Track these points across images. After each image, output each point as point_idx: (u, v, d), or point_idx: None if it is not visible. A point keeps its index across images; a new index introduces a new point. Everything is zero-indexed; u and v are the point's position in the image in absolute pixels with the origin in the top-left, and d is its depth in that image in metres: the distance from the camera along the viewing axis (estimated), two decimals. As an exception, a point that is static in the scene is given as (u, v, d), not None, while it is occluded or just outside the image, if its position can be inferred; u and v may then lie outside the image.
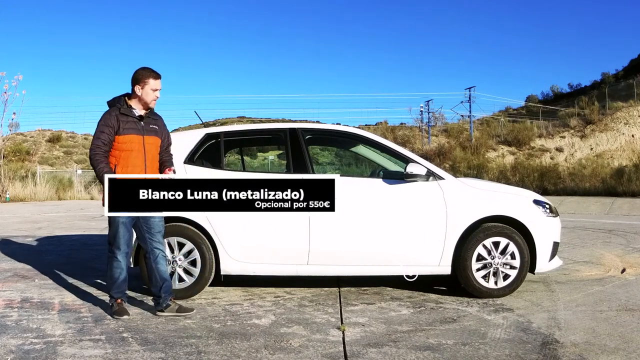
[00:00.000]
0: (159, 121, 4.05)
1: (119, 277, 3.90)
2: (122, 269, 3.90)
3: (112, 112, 3.87)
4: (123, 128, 3.83)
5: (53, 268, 5.79)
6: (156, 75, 3.91)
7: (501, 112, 41.34)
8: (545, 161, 26.64)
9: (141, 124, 3.90)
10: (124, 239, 3.87)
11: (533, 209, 4.51)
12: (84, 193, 21.49)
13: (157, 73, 3.93)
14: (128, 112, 3.87)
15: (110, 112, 3.88)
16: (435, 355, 3.07)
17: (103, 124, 3.82)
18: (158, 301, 3.93)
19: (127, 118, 3.85)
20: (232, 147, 5.76)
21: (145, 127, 3.92)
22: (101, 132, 3.81)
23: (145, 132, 3.91)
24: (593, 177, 19.84)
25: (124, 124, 3.83)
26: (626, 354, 3.05)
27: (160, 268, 3.93)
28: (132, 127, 3.85)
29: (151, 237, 3.91)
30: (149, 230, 3.90)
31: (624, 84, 36.93)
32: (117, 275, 3.90)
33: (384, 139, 4.83)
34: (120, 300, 3.92)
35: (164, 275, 3.94)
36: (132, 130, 3.85)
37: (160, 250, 3.94)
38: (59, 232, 9.28)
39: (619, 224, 10.29)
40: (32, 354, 3.07)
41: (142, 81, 3.88)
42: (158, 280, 3.91)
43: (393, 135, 33.75)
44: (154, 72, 3.92)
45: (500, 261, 4.36)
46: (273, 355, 3.08)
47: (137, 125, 3.87)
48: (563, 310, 4.00)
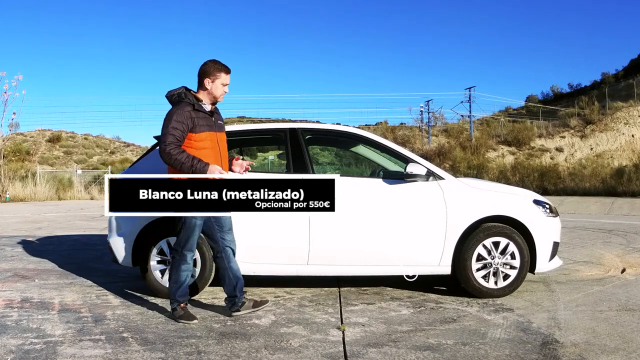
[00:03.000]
0: (221, 117, 3.89)
1: (185, 281, 3.79)
2: (189, 272, 3.81)
3: (184, 107, 3.62)
4: (198, 125, 3.62)
5: (53, 268, 5.80)
6: (227, 70, 3.73)
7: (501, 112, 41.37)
8: (545, 161, 26.66)
9: (212, 120, 3.72)
10: (196, 241, 3.75)
11: (533, 209, 4.51)
12: (84, 193, 21.50)
13: (228, 67, 3.75)
14: (200, 107, 3.67)
15: (183, 108, 3.62)
16: (435, 355, 3.07)
17: (176, 120, 3.57)
18: (233, 301, 3.83)
19: (200, 114, 3.65)
20: (232, 147, 5.75)
21: (216, 123, 3.76)
22: (174, 128, 3.56)
23: (217, 128, 3.75)
24: (593, 177, 19.86)
25: (198, 120, 3.62)
26: (626, 354, 3.05)
27: (233, 266, 3.82)
28: (206, 123, 3.67)
29: (223, 236, 3.79)
30: (221, 229, 3.78)
31: (624, 84, 36.94)
32: (183, 278, 3.77)
33: (384, 139, 4.83)
34: (185, 304, 3.81)
35: (237, 274, 3.81)
36: (206, 127, 3.66)
37: (232, 248, 3.83)
38: (59, 232, 9.29)
39: (619, 224, 10.29)
40: (32, 354, 3.07)
41: (212, 74, 3.68)
42: (232, 279, 3.79)
43: (393, 135, 33.76)
44: (225, 66, 3.73)
45: (500, 261, 4.36)
46: (273, 355, 3.08)
47: (209, 121, 3.69)
48: (563, 310, 4.00)
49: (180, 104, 3.65)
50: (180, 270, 3.75)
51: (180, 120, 3.58)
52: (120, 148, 46.98)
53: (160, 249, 4.38)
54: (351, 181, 4.62)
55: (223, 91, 3.74)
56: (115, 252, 4.50)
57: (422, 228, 4.35)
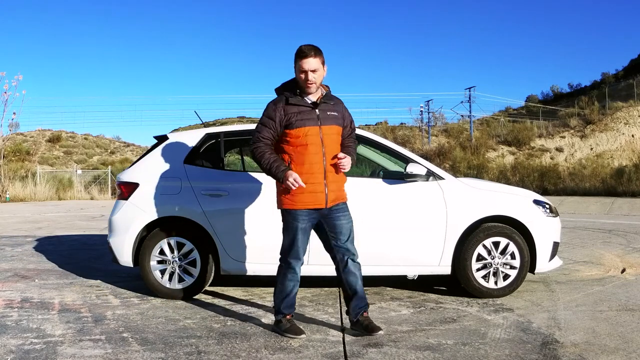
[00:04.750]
0: (339, 105, 3.44)
1: (292, 291, 3.42)
2: (296, 282, 3.43)
3: (277, 102, 3.35)
4: (295, 120, 3.29)
5: (53, 268, 5.80)
6: (300, 54, 3.28)
7: (501, 112, 41.38)
8: (545, 161, 26.66)
9: (316, 112, 3.33)
10: (302, 247, 3.39)
11: (533, 209, 4.51)
12: (84, 193, 21.52)
13: (303, 51, 3.27)
14: (298, 100, 3.32)
15: (275, 102, 3.36)
16: (435, 355, 3.07)
17: (265, 117, 3.34)
18: (349, 317, 3.48)
19: (298, 108, 3.31)
20: (232, 147, 5.75)
21: (322, 115, 3.34)
22: (261, 124, 3.35)
23: (323, 121, 3.34)
24: (593, 177, 19.86)
25: (294, 115, 3.29)
26: (626, 354, 3.05)
27: (350, 278, 3.40)
28: (306, 117, 3.30)
29: (337, 243, 3.41)
30: (336, 237, 3.41)
31: (624, 84, 36.94)
32: (289, 288, 3.41)
33: (384, 139, 4.82)
34: (291, 316, 3.47)
35: (353, 286, 3.40)
36: (306, 121, 3.29)
37: (349, 257, 3.41)
38: (59, 232, 9.29)
39: (619, 224, 10.29)
40: (32, 354, 3.07)
41: (294, 62, 3.32)
42: (348, 291, 3.43)
43: (393, 135, 33.77)
44: (300, 49, 3.29)
45: (500, 261, 4.36)
46: (273, 355, 3.08)
47: (311, 114, 3.32)
48: (563, 310, 4.00)
49: (276, 97, 3.41)
50: (285, 279, 3.40)
51: (267, 116, 3.34)
52: (120, 148, 47.00)
53: (161, 249, 4.38)
54: (351, 181, 4.61)
55: (304, 80, 3.29)
56: (116, 252, 4.50)
57: (422, 228, 4.35)
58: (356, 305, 3.41)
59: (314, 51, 3.29)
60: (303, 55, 3.26)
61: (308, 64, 3.26)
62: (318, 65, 3.30)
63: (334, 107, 3.40)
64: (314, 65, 3.27)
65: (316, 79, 3.30)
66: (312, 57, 3.27)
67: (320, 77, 3.34)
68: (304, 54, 3.26)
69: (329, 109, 3.38)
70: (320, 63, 3.32)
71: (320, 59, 3.31)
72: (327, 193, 3.35)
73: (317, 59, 3.29)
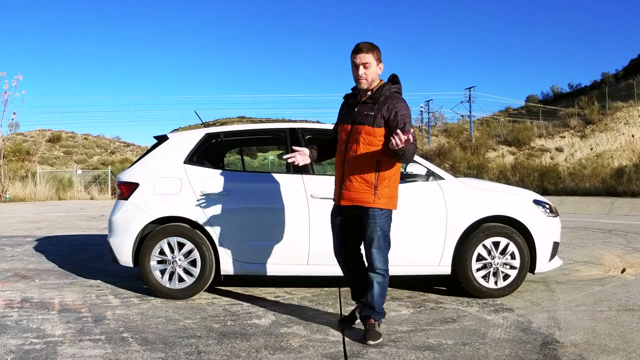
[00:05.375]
0: (383, 106, 3.28)
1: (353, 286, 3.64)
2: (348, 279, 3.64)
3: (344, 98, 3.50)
4: (340, 116, 3.48)
5: (53, 268, 5.80)
6: (353, 49, 3.31)
7: (501, 112, 41.36)
8: (545, 161, 26.65)
9: (355, 110, 3.35)
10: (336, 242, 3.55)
11: (533, 209, 4.51)
12: (84, 193, 21.51)
13: (357, 45, 3.30)
14: (350, 96, 3.44)
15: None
16: (435, 355, 3.07)
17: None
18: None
19: (347, 104, 3.44)
20: (232, 147, 5.76)
21: (359, 114, 3.32)
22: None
23: (356, 120, 3.32)
24: (593, 177, 19.86)
25: (342, 111, 3.48)
26: (626, 354, 3.05)
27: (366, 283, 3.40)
28: (346, 114, 3.42)
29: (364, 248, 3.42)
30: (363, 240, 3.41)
31: (624, 84, 36.91)
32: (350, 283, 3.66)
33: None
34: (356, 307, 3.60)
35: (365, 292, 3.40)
36: (345, 118, 3.42)
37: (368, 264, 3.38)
38: (59, 232, 9.29)
39: (619, 224, 10.29)
40: (32, 354, 3.07)
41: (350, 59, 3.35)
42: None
43: (393, 135, 33.66)
44: (355, 45, 3.32)
45: (500, 261, 4.36)
46: (273, 355, 3.08)
47: (350, 112, 3.38)
48: (563, 310, 4.00)
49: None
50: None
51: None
52: (120, 148, 47.00)
53: (161, 249, 4.37)
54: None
55: (355, 74, 3.32)
56: (116, 252, 4.50)
57: (422, 228, 4.35)
58: (364, 309, 3.42)
59: (367, 46, 3.30)
60: (356, 49, 3.29)
61: (359, 58, 3.27)
62: (370, 60, 3.29)
63: (374, 107, 3.30)
64: (364, 59, 3.27)
65: (367, 74, 3.29)
66: (364, 52, 3.27)
67: (372, 74, 3.31)
68: (357, 48, 3.29)
69: (368, 108, 3.31)
70: (374, 59, 3.31)
71: (373, 55, 3.30)
72: (341, 190, 3.38)
73: (369, 54, 3.29)
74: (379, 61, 3.34)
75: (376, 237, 3.31)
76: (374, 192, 3.28)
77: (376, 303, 3.35)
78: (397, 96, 3.33)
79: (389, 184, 3.32)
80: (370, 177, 3.28)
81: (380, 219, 3.31)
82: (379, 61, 3.34)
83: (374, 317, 3.36)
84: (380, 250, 3.32)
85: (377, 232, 3.30)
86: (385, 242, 3.35)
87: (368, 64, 3.28)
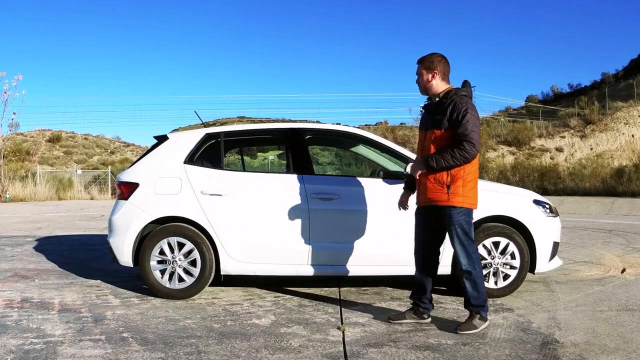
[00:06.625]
0: (446, 109, 3.43)
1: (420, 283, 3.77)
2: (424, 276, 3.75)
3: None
4: (420, 123, 3.73)
5: (53, 268, 5.80)
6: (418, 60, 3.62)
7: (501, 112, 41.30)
8: (545, 161, 26.63)
9: (426, 116, 3.63)
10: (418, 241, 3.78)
11: (533, 209, 4.51)
12: (84, 193, 21.52)
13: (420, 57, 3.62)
14: (426, 104, 3.66)
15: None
16: (435, 355, 3.07)
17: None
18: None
19: (424, 111, 3.67)
20: (232, 147, 5.75)
21: (428, 120, 3.59)
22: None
23: (426, 125, 3.60)
24: (593, 177, 19.85)
25: (421, 118, 3.73)
26: (626, 354, 3.05)
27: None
28: (422, 120, 3.69)
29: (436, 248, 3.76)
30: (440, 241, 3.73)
31: (624, 84, 36.91)
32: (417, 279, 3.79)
33: (384, 139, 4.82)
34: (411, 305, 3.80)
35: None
36: (421, 125, 3.69)
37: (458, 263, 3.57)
38: (59, 232, 9.29)
39: (619, 224, 10.29)
40: (32, 354, 3.07)
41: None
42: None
43: (393, 135, 33.74)
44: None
45: (500, 261, 4.36)
46: (273, 355, 3.08)
47: (423, 118, 3.69)
48: (563, 310, 4.00)
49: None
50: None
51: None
52: (120, 148, 46.99)
53: (161, 249, 4.38)
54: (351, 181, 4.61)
55: (417, 83, 3.63)
56: (116, 252, 4.50)
57: (422, 228, 4.34)
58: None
59: (419, 59, 3.60)
60: (418, 60, 3.62)
61: (417, 69, 3.61)
62: (419, 72, 3.59)
63: (439, 111, 3.48)
64: (416, 71, 3.61)
65: (419, 83, 3.59)
66: (417, 64, 3.60)
67: (420, 84, 3.59)
68: (418, 59, 3.61)
69: (437, 113, 3.49)
70: (422, 69, 3.57)
71: (420, 66, 3.58)
72: (420, 191, 3.62)
73: (418, 65, 3.60)
74: (429, 69, 3.55)
75: (455, 234, 3.48)
76: (447, 191, 3.44)
77: (471, 297, 3.53)
78: (462, 99, 3.45)
79: (463, 183, 3.45)
80: (442, 177, 3.45)
81: (457, 217, 3.45)
82: (429, 69, 3.55)
83: (474, 310, 3.52)
84: (463, 247, 3.48)
85: (456, 229, 3.47)
86: (466, 238, 3.49)
87: (418, 74, 3.60)
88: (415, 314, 3.72)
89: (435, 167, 3.42)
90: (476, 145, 3.34)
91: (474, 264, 3.49)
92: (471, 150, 3.33)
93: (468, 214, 3.49)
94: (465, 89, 3.52)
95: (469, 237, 3.49)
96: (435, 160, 3.40)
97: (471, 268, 3.49)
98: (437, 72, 3.53)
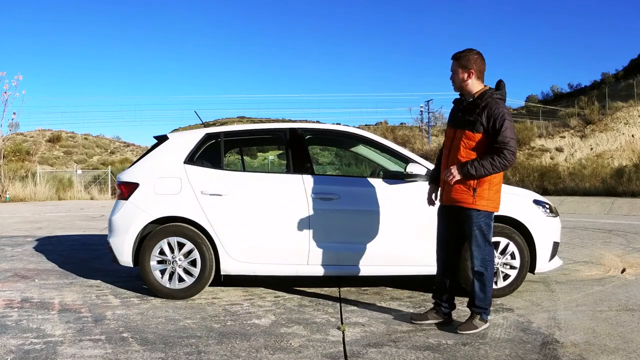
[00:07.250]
0: (482, 110, 3.37)
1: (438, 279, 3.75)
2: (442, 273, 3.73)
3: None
4: (449, 119, 3.62)
5: (53, 268, 5.80)
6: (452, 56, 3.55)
7: (501, 112, 41.25)
8: (545, 161, 26.62)
9: (458, 115, 3.52)
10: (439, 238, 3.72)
11: (533, 209, 4.51)
12: (84, 193, 21.51)
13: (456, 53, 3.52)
14: (457, 101, 3.60)
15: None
16: (435, 355, 3.07)
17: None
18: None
19: (454, 108, 3.60)
20: (232, 147, 5.75)
21: (461, 118, 3.48)
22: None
23: (457, 124, 3.49)
24: (593, 177, 19.84)
25: (451, 114, 3.62)
26: (626, 354, 3.05)
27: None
28: (451, 119, 3.59)
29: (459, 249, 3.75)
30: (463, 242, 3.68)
31: (624, 84, 36.91)
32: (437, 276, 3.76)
33: (384, 139, 4.82)
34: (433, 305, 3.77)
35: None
36: (450, 122, 3.58)
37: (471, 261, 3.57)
38: (59, 232, 9.28)
39: (619, 224, 10.29)
40: (32, 354, 3.07)
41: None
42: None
43: (393, 135, 33.75)
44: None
45: (500, 261, 4.35)
46: (273, 355, 3.08)
47: (454, 116, 3.57)
48: (563, 310, 4.00)
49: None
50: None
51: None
52: (120, 148, 46.99)
53: (161, 249, 4.38)
54: (351, 181, 4.61)
55: (451, 79, 3.56)
56: (116, 252, 4.50)
57: (422, 228, 4.35)
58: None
59: (454, 55, 3.51)
60: (452, 57, 3.53)
61: (451, 66, 3.52)
62: (454, 69, 3.51)
63: (474, 113, 3.40)
64: (451, 67, 3.53)
65: (454, 81, 3.51)
66: (452, 60, 3.52)
67: (455, 81, 3.51)
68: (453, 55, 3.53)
69: (469, 113, 3.43)
70: (457, 67, 3.48)
71: (456, 63, 3.49)
72: (443, 190, 3.58)
73: (453, 62, 3.51)
74: (465, 68, 3.46)
75: (473, 236, 3.45)
76: (473, 194, 3.42)
77: (476, 298, 3.52)
78: (497, 102, 3.39)
79: (489, 187, 3.44)
80: (470, 180, 3.41)
81: (478, 219, 3.44)
82: (465, 68, 3.46)
83: (476, 311, 3.52)
84: (479, 249, 3.47)
85: (475, 231, 3.45)
86: (483, 241, 3.47)
87: (453, 71, 3.52)
88: (437, 314, 3.71)
89: (474, 175, 3.35)
90: (515, 153, 3.34)
91: (486, 267, 3.48)
92: (511, 159, 3.32)
93: (489, 216, 3.50)
94: (500, 92, 3.46)
95: (486, 239, 3.48)
96: (475, 168, 3.33)
97: (484, 270, 3.48)
98: (473, 71, 3.44)
